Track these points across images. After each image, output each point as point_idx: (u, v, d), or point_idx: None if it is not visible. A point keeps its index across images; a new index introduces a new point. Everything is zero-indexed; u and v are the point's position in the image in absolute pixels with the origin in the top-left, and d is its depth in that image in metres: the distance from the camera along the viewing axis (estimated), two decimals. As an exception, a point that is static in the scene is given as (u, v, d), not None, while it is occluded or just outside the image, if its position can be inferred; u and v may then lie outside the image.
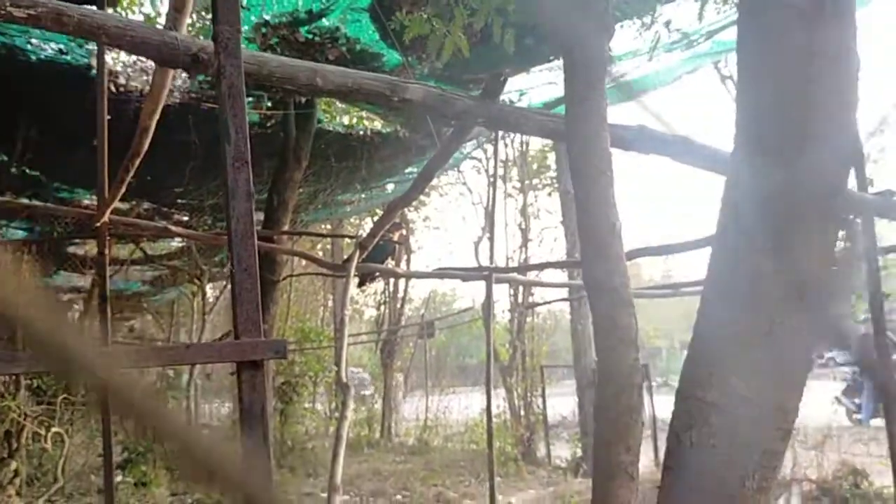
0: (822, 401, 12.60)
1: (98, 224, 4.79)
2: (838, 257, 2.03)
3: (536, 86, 6.92)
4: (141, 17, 8.13)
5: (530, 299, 14.49)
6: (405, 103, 3.13)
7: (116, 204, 5.04)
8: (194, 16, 6.36)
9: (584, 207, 2.63)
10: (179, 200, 9.18)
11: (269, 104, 7.35)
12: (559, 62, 5.80)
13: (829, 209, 1.80)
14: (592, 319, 2.64)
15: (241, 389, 2.04)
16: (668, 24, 3.10)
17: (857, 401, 14.68)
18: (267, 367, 2.08)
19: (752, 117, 1.85)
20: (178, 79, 6.12)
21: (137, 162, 4.03)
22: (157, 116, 3.50)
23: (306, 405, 13.78)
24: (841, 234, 1.96)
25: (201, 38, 3.43)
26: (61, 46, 5.75)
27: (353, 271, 6.29)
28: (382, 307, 18.09)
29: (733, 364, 1.82)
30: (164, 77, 3.13)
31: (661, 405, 10.52)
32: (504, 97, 4.00)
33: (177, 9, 2.66)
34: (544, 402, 13.75)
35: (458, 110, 3.32)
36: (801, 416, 1.96)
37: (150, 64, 5.70)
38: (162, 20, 7.89)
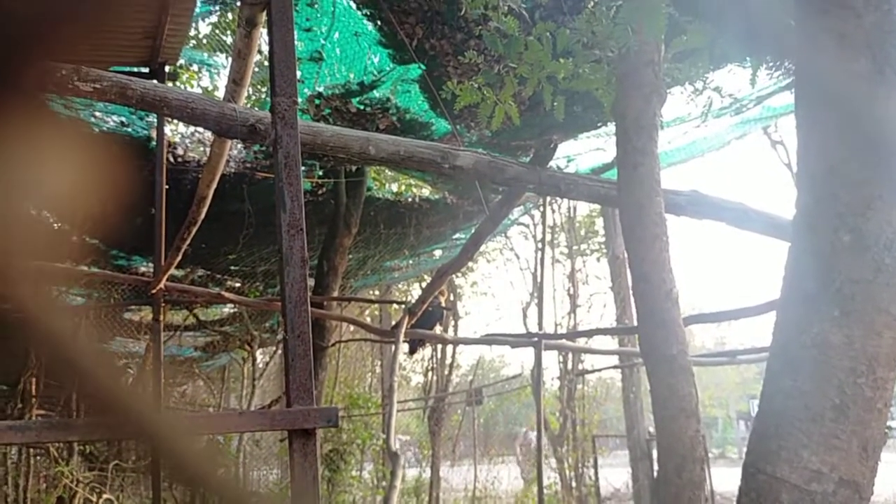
0: (889, 474, 11.94)
1: (154, 291, 4.88)
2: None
3: (584, 152, 6.95)
4: (199, 91, 8.44)
5: (580, 366, 14.23)
6: (456, 170, 3.16)
7: (171, 271, 5.15)
8: (250, 89, 6.59)
9: (639, 273, 2.59)
10: (232, 267, 9.35)
11: (321, 172, 7.50)
12: (607, 128, 5.82)
13: (900, 275, 1.73)
14: (650, 388, 2.56)
15: (293, 458, 2.02)
16: (719, 89, 3.08)
17: (928, 475, 13.84)
18: (317, 434, 2.06)
19: (814, 181, 1.80)
20: (234, 149, 6.30)
21: (194, 230, 4.12)
22: (214, 186, 3.59)
23: (353, 473, 13.60)
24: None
25: (257, 109, 3.53)
26: (123, 119, 5.99)
27: (401, 337, 6.27)
28: (430, 373, 17.93)
29: (804, 437, 1.73)
30: (223, 147, 3.21)
31: (718, 478, 10.12)
32: (552, 163, 4.01)
33: (235, 81, 2.75)
34: (596, 473, 13.35)
35: (509, 177, 3.33)
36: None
37: (208, 135, 5.90)
38: (219, 93, 8.19)
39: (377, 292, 16.67)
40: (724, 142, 7.60)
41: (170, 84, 5.37)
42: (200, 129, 6.27)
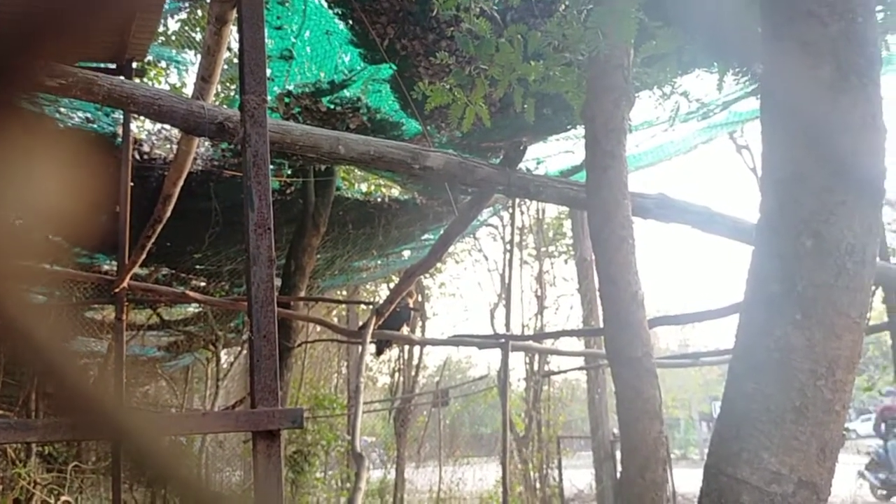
0: (844, 475, 12.18)
1: (117, 289, 4.81)
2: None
3: (554, 154, 6.99)
4: (167, 88, 8.33)
5: (546, 368, 14.31)
6: (426, 171, 3.16)
7: (135, 269, 5.08)
8: (219, 86, 6.52)
9: (605, 275, 2.61)
10: (198, 266, 9.24)
11: (290, 171, 7.45)
12: (576, 131, 5.87)
13: (859, 279, 1.77)
14: (615, 390, 2.59)
15: (257, 459, 2.00)
16: (686, 94, 3.13)
17: (881, 476, 14.13)
18: (281, 436, 2.05)
19: (778, 186, 1.83)
20: (201, 146, 6.23)
21: (159, 228, 4.07)
22: (181, 184, 3.55)
23: (318, 475, 13.52)
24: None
25: (226, 107, 3.49)
26: (88, 115, 5.89)
27: (368, 338, 6.26)
28: (396, 374, 17.89)
29: (764, 439, 1.76)
30: (190, 145, 3.18)
31: (680, 478, 10.26)
32: (522, 165, 4.03)
33: (204, 78, 2.72)
34: (560, 474, 13.44)
35: (479, 178, 3.34)
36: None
37: (175, 132, 5.83)
38: (188, 91, 8.08)
39: (345, 293, 16.60)
40: (691, 146, 7.69)
41: (137, 81, 5.28)
42: (167, 127, 6.19)
